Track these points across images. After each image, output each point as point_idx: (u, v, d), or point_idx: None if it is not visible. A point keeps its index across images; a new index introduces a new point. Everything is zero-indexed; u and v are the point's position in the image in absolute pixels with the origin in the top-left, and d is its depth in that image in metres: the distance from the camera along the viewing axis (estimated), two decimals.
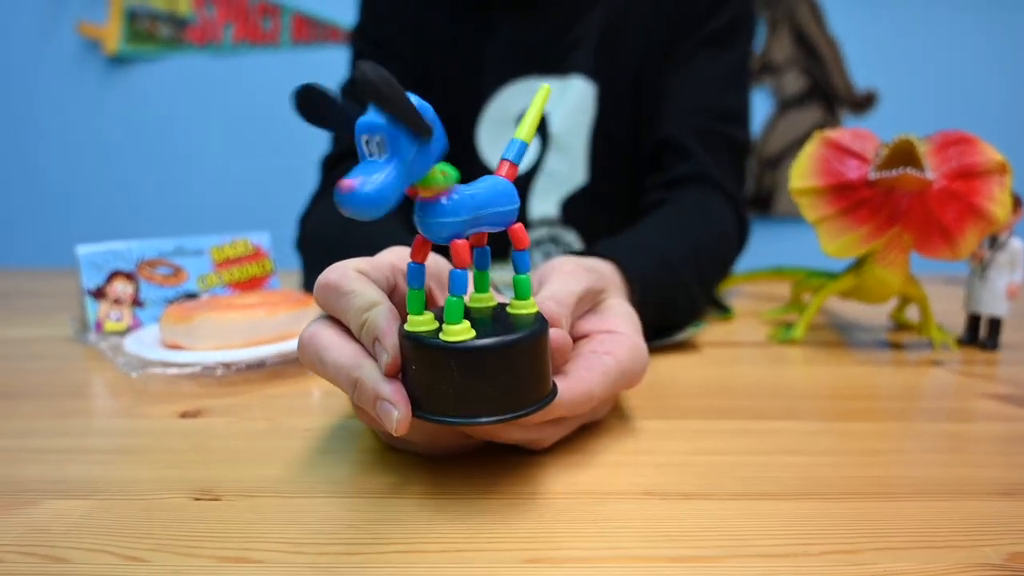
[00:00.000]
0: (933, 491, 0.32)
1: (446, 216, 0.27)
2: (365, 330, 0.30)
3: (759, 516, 0.29)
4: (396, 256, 0.35)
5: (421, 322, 0.29)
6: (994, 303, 0.55)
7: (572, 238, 0.87)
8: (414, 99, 0.24)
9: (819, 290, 0.59)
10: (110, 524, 0.29)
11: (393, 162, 0.24)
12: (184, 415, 0.42)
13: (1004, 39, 1.82)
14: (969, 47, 1.82)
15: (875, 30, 1.80)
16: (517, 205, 0.30)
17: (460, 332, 0.27)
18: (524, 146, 0.31)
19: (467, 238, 0.28)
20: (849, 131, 0.54)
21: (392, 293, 0.34)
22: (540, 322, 0.30)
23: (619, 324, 0.38)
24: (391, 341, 0.29)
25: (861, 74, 1.82)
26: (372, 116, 0.24)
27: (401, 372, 0.29)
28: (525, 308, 0.31)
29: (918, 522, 0.29)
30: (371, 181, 0.23)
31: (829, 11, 1.79)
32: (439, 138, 0.25)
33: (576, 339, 0.38)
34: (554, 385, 0.31)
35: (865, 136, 0.54)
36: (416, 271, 0.29)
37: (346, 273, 0.32)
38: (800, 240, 0.51)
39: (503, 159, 0.31)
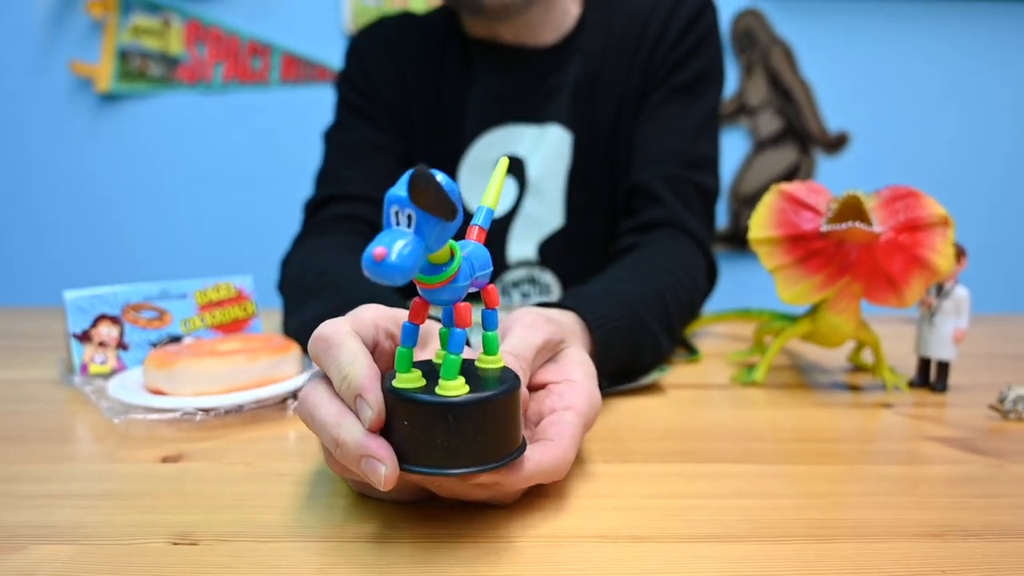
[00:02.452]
0: (869, 533, 0.35)
1: (455, 282, 0.30)
2: (345, 385, 0.31)
3: (702, 558, 0.32)
4: (376, 313, 0.37)
5: (410, 379, 0.31)
6: (942, 348, 0.58)
7: (549, 279, 0.90)
8: (441, 177, 0.26)
9: (779, 334, 0.61)
10: (94, 569, 0.31)
11: (418, 236, 0.26)
12: (165, 459, 0.44)
13: (972, 82, 1.88)
14: (937, 90, 1.89)
15: (846, 74, 1.86)
16: (491, 269, 0.33)
17: (457, 387, 0.30)
18: (491, 213, 0.34)
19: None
20: (804, 185, 0.57)
21: (373, 350, 0.35)
22: (515, 377, 0.33)
23: (573, 373, 0.40)
24: (374, 396, 0.30)
25: (833, 116, 1.87)
26: (403, 191, 0.26)
27: (385, 428, 0.31)
28: (493, 363, 0.34)
29: (848, 563, 0.31)
30: (398, 252, 0.25)
31: (802, 55, 1.85)
32: (459, 217, 0.28)
33: (534, 389, 0.40)
34: (523, 438, 0.33)
35: (818, 190, 0.57)
36: (410, 331, 0.31)
37: (338, 329, 0.34)
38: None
39: (473, 224, 0.34)
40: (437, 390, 0.30)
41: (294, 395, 0.54)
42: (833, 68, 1.86)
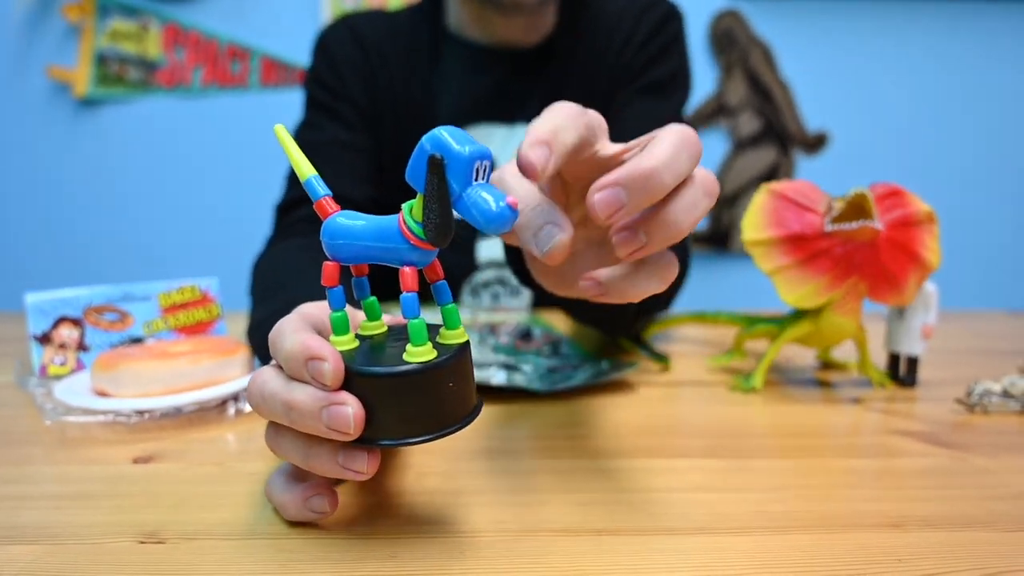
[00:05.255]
0: (828, 524, 0.35)
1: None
2: (292, 359, 0.30)
3: (660, 551, 0.32)
4: (318, 309, 0.36)
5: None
6: (911, 343, 0.59)
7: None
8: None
9: (777, 338, 0.60)
10: (60, 569, 0.31)
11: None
12: (136, 461, 0.44)
13: (948, 81, 1.91)
14: (914, 89, 1.91)
15: (825, 74, 1.88)
16: None
17: (425, 353, 0.30)
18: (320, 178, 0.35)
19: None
20: (794, 184, 0.56)
21: None
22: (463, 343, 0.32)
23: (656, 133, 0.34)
24: (326, 348, 0.29)
25: (812, 116, 1.89)
26: (483, 148, 0.29)
27: None
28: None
29: (805, 554, 0.32)
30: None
31: (781, 56, 1.87)
32: None
33: (599, 165, 0.36)
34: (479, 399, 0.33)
35: (810, 188, 0.55)
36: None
37: (282, 325, 0.33)
38: (755, 276, 0.54)
39: (325, 196, 0.35)
40: (407, 357, 0.29)
41: (236, 397, 0.54)
42: (812, 68, 1.87)
